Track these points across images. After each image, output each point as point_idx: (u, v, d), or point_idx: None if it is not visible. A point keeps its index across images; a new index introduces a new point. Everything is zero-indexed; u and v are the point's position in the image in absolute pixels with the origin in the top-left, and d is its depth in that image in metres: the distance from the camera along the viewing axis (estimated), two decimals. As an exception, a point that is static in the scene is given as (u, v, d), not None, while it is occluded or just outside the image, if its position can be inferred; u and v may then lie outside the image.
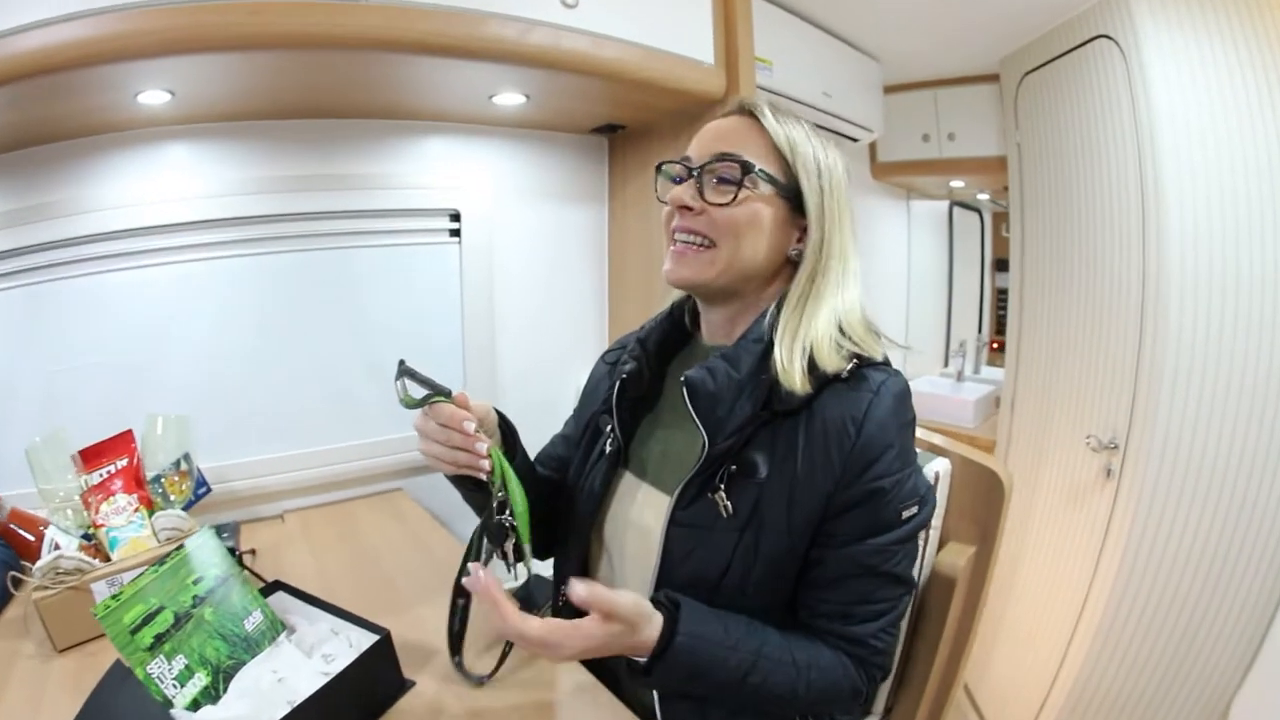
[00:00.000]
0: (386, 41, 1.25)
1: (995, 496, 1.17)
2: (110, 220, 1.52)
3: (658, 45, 1.55)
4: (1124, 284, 1.92)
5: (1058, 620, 2.12)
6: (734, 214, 0.92)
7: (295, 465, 1.72)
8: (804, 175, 0.93)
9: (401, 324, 1.84)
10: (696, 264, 0.95)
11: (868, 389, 0.88)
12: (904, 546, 0.90)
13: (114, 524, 1.28)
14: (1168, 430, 1.78)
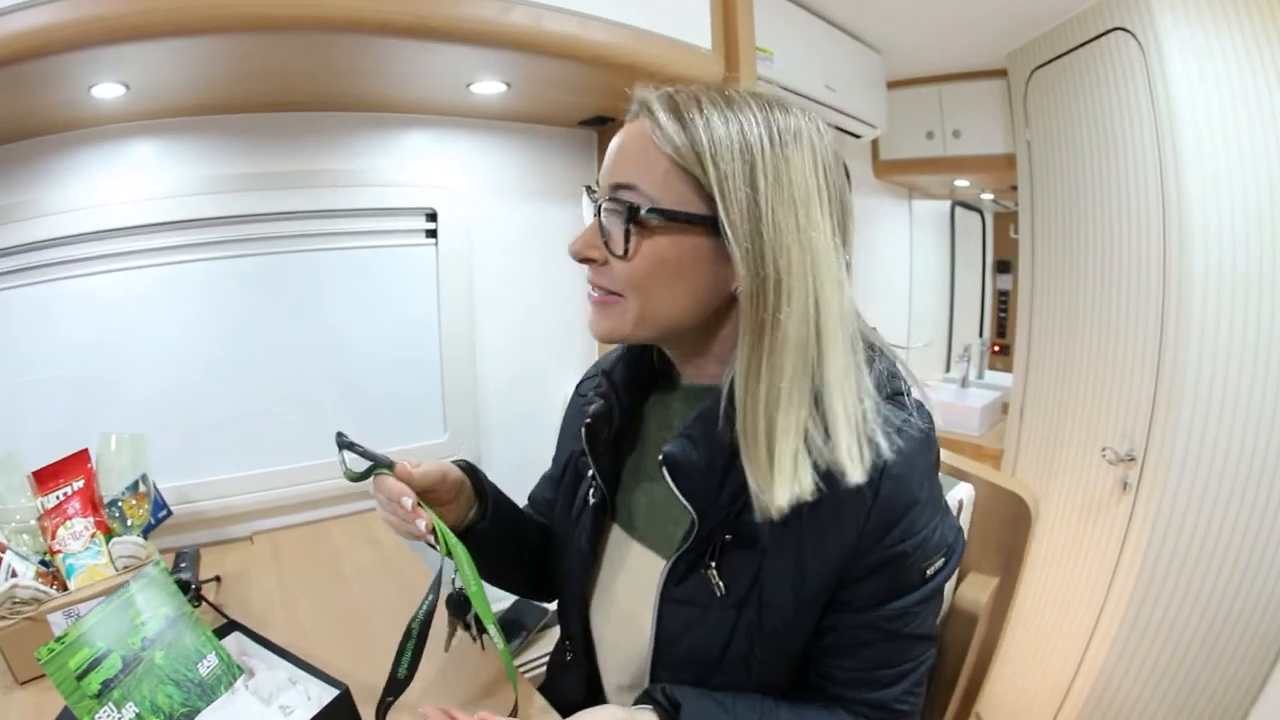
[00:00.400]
0: (352, 22, 1.16)
1: (1021, 524, 1.08)
2: (64, 225, 1.43)
3: (650, 28, 1.45)
4: (1143, 286, 1.88)
5: (1069, 638, 2.08)
6: (631, 268, 0.75)
7: (265, 484, 1.63)
8: (720, 191, 0.71)
9: (375, 332, 1.74)
10: (611, 318, 0.79)
11: None
12: (927, 605, 0.80)
13: (71, 549, 1.21)
14: (1188, 442, 1.74)
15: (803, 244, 0.70)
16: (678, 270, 0.75)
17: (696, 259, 0.74)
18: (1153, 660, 1.90)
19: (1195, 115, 1.71)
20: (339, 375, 1.70)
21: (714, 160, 0.70)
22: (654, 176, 0.73)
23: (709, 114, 0.72)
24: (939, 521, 0.79)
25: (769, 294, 0.70)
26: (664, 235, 0.74)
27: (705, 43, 1.57)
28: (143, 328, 1.52)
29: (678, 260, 0.74)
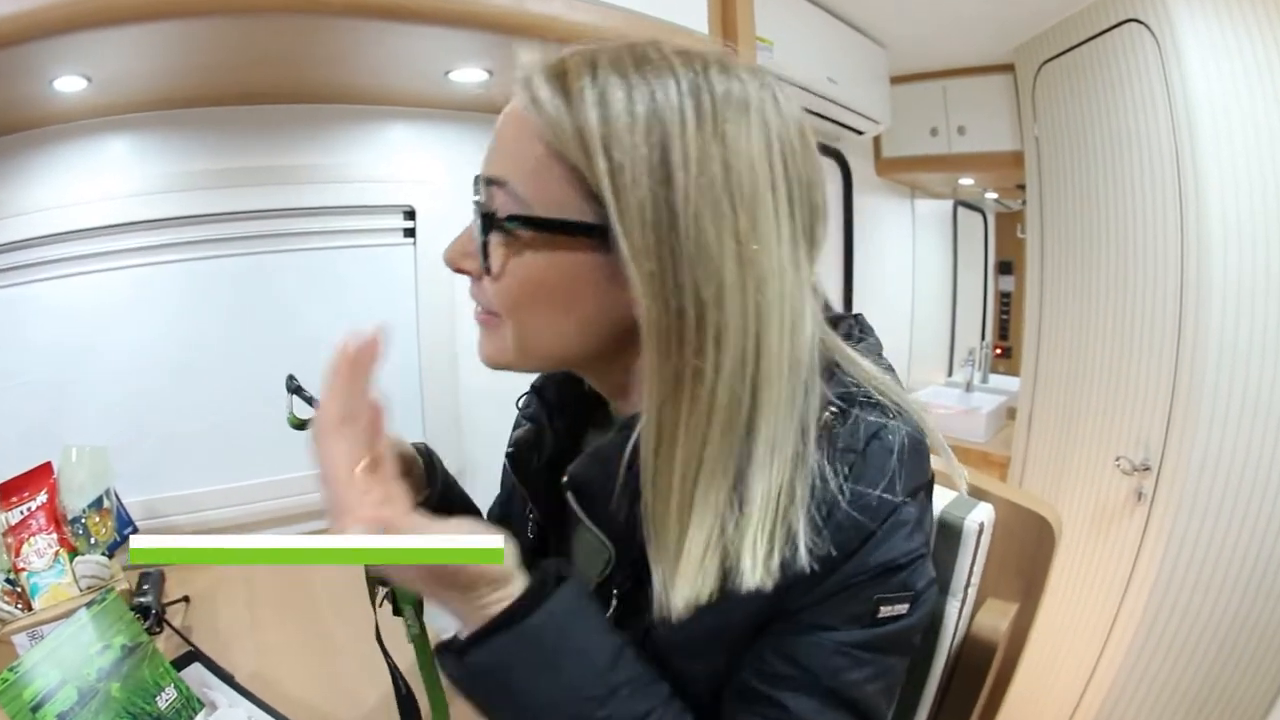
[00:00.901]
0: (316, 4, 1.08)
1: (1045, 547, 1.01)
2: (27, 226, 1.39)
3: (643, 9, 1.37)
4: (1159, 288, 1.83)
5: (1080, 651, 2.03)
6: (500, 288, 0.59)
7: (241, 499, 1.58)
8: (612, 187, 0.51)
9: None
10: (491, 342, 0.63)
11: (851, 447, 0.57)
12: (874, 660, 0.58)
13: (35, 567, 1.19)
14: (1206, 450, 1.69)
15: (742, 263, 0.52)
16: (556, 295, 0.58)
17: (583, 281, 0.56)
18: (1164, 677, 1.86)
19: (1214, 109, 1.67)
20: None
21: (604, 145, 0.51)
22: (526, 169, 0.56)
23: (605, 81, 0.53)
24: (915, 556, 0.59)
25: (686, 334, 0.52)
26: (536, 249, 0.56)
27: (702, 27, 1.50)
28: (110, 333, 1.48)
29: (556, 283, 0.57)
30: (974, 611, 1.04)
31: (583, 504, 0.63)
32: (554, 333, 0.59)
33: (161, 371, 1.51)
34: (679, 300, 0.51)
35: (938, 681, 1.03)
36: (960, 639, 1.03)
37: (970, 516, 0.97)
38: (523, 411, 0.79)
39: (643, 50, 0.55)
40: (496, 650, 0.52)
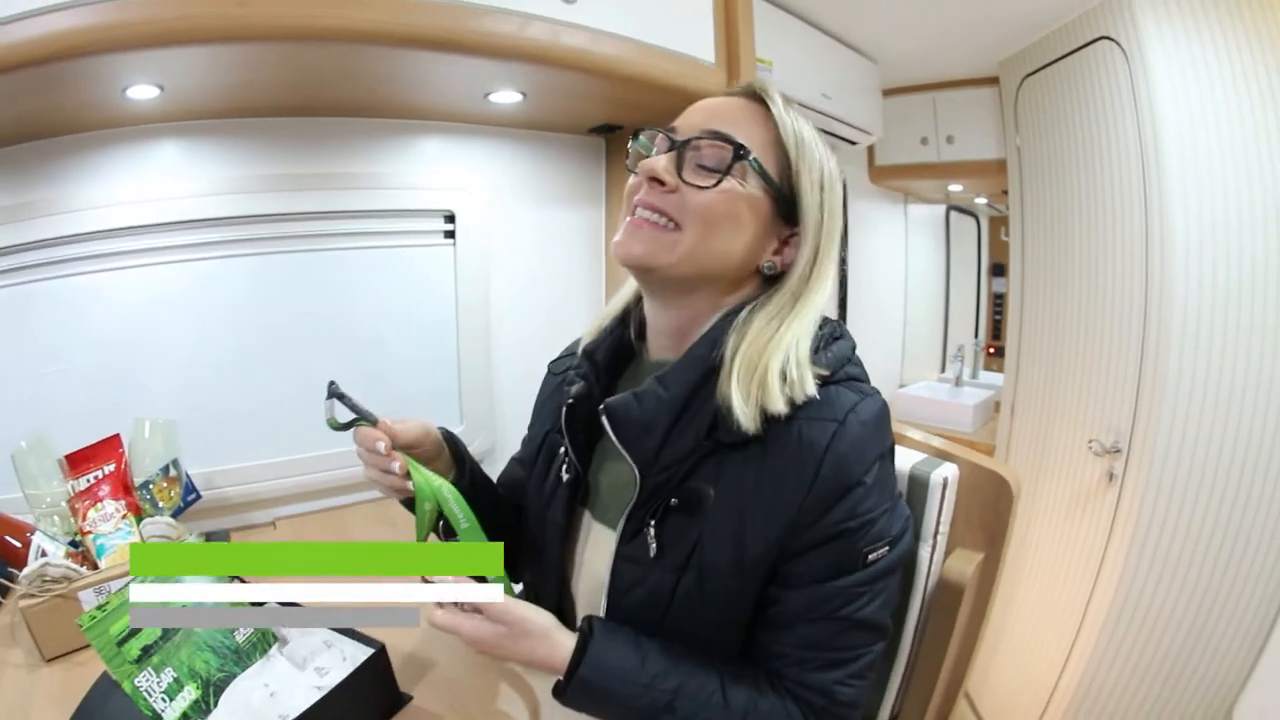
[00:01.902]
0: (381, 35, 1.22)
1: (1004, 502, 1.14)
2: (96, 220, 1.49)
3: (657, 42, 1.52)
4: (1127, 287, 1.91)
5: (1059, 627, 2.10)
6: (711, 200, 0.80)
7: (287, 472, 1.69)
8: (806, 178, 0.83)
9: (394, 327, 1.81)
10: (654, 243, 0.82)
11: (832, 416, 0.78)
12: (871, 589, 0.81)
13: (101, 531, 1.26)
14: (1171, 433, 1.77)
15: (834, 236, 0.86)
16: (742, 221, 0.82)
17: (757, 220, 0.83)
18: (1139, 649, 1.92)
19: (1179, 122, 1.75)
20: (360, 368, 1.76)
21: (806, 154, 0.83)
22: (758, 141, 0.82)
23: (804, 125, 0.85)
24: (886, 510, 0.81)
25: (810, 270, 0.85)
26: (747, 187, 0.82)
27: (709, 56, 1.64)
28: (170, 321, 1.58)
29: (746, 214, 0.82)
30: (945, 558, 1.17)
31: (616, 432, 0.82)
32: (724, 249, 0.83)
33: (217, 357, 1.62)
34: (817, 245, 0.85)
35: (916, 618, 1.16)
36: (934, 582, 1.16)
37: (936, 472, 1.12)
38: (577, 371, 0.96)
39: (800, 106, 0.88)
40: (572, 696, 0.79)
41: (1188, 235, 1.74)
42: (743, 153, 0.81)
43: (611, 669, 0.78)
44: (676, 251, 0.81)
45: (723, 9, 1.67)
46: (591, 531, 0.96)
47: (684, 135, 0.83)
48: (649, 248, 0.82)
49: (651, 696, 0.78)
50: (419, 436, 0.94)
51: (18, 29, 1.06)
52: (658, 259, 0.82)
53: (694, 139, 0.82)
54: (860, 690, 0.83)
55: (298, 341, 1.70)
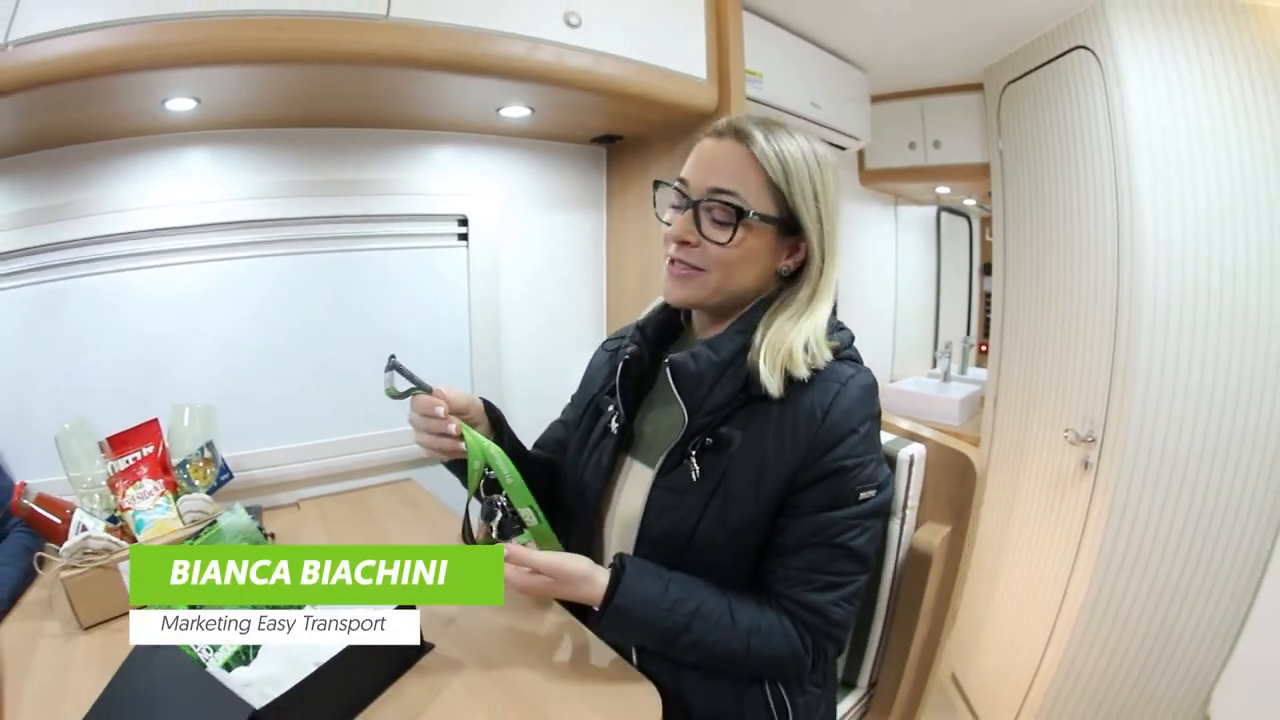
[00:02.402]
0: (406, 58, 1.34)
1: (969, 479, 1.25)
2: (132, 221, 1.58)
3: (655, 62, 1.64)
4: (1100, 285, 1.98)
5: (1040, 612, 2.16)
6: (725, 252, 0.98)
7: (310, 455, 1.79)
8: (801, 203, 0.98)
9: (412, 322, 1.92)
10: (690, 287, 1.02)
11: (836, 381, 0.97)
12: (861, 523, 0.98)
13: (140, 507, 1.33)
14: (1142, 423, 1.84)
15: (835, 231, 1.02)
16: (755, 258, 1.01)
17: (770, 248, 1.01)
18: (1117, 632, 1.97)
19: (1148, 127, 1.81)
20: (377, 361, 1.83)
21: (795, 178, 0.98)
22: (750, 187, 0.98)
23: (785, 142, 0.98)
24: (873, 460, 0.99)
25: (820, 271, 1.01)
26: (754, 231, 0.99)
27: (701, 74, 1.76)
28: (202, 316, 1.68)
29: (760, 250, 1.00)
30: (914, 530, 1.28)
31: (676, 381, 1.01)
32: (744, 278, 1.02)
33: (246, 349, 1.72)
34: (823, 252, 1.01)
35: (889, 587, 1.28)
36: (905, 552, 1.27)
37: (904, 451, 1.24)
38: (630, 338, 1.15)
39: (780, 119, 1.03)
40: (607, 622, 0.97)
41: (1156, 235, 1.80)
42: (745, 212, 0.97)
43: (640, 596, 0.96)
44: (708, 289, 1.02)
45: (715, 30, 1.78)
46: (631, 470, 1.13)
47: (696, 194, 1.00)
48: (688, 291, 1.03)
49: (673, 619, 0.95)
50: (466, 403, 1.10)
51: (65, 43, 1.14)
52: (695, 298, 1.04)
53: (704, 200, 0.99)
54: (848, 614, 1.01)
55: (322, 335, 1.81)
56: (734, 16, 1.80)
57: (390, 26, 1.30)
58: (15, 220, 1.51)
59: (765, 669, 1.02)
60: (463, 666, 1.03)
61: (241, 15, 1.20)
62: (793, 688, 1.06)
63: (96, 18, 1.14)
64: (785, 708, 1.05)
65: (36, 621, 1.19)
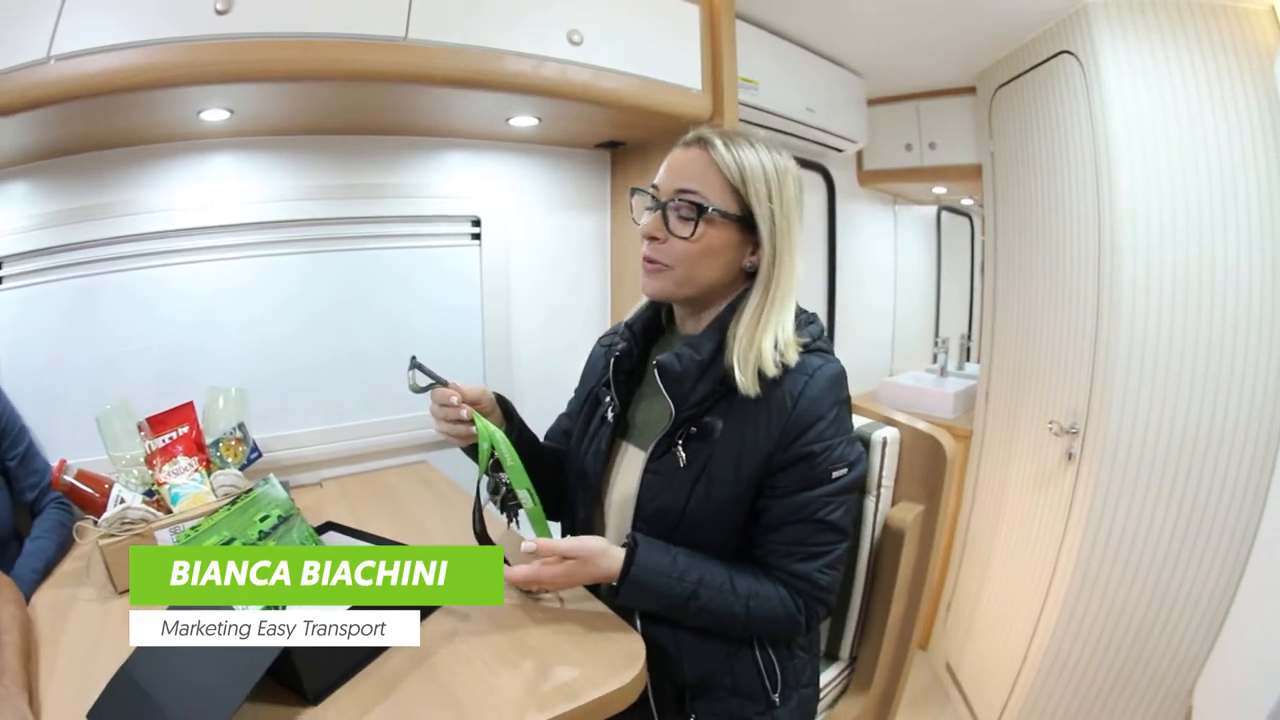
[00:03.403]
0: (420, 75, 1.45)
1: (939, 460, 1.35)
2: (167, 220, 1.68)
3: (652, 75, 1.74)
4: (1082, 282, 2.03)
5: (1027, 600, 2.20)
6: (689, 246, 1.08)
7: (332, 438, 1.89)
8: (755, 202, 1.07)
9: (427, 317, 2.02)
10: (661, 281, 1.13)
11: (805, 373, 1.07)
12: (836, 499, 1.09)
13: (176, 482, 1.42)
14: (1122, 415, 1.88)
15: (792, 238, 1.10)
16: (716, 251, 1.09)
17: (731, 244, 1.10)
18: (1101, 622, 2.00)
19: (1127, 129, 1.85)
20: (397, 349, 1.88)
21: (751, 181, 1.07)
22: (711, 187, 1.08)
23: (744, 149, 1.08)
24: (843, 442, 1.09)
25: (776, 266, 1.09)
26: (715, 227, 1.08)
27: (696, 85, 1.86)
28: (232, 309, 1.77)
29: (721, 244, 1.09)
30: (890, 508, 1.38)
31: (663, 379, 1.11)
32: (708, 272, 1.11)
33: (273, 340, 1.82)
34: (775, 251, 1.09)
35: (866, 562, 1.37)
36: (880, 529, 1.37)
37: (877, 433, 1.34)
38: (621, 335, 1.25)
39: (747, 131, 1.14)
40: (625, 592, 1.07)
41: (1135, 235, 1.84)
42: (704, 208, 1.07)
43: (652, 567, 1.07)
44: (674, 281, 1.12)
45: (709, 43, 1.87)
46: (626, 455, 1.23)
47: (664, 196, 1.11)
48: (659, 284, 1.13)
49: (681, 587, 1.06)
50: (478, 395, 1.21)
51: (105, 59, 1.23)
52: (665, 290, 1.14)
53: (670, 201, 1.10)
54: (833, 578, 1.12)
55: (344, 327, 1.91)
56: (727, 30, 1.89)
57: (408, 48, 1.42)
58: (57, 218, 1.59)
59: (764, 629, 1.13)
60: (470, 615, 1.13)
61: (271, 37, 1.31)
62: (781, 650, 1.18)
63: (137, 36, 1.23)
64: (774, 669, 1.17)
65: (72, 589, 1.26)
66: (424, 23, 1.42)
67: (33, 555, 1.32)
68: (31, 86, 1.21)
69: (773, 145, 1.13)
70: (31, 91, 1.21)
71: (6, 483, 1.45)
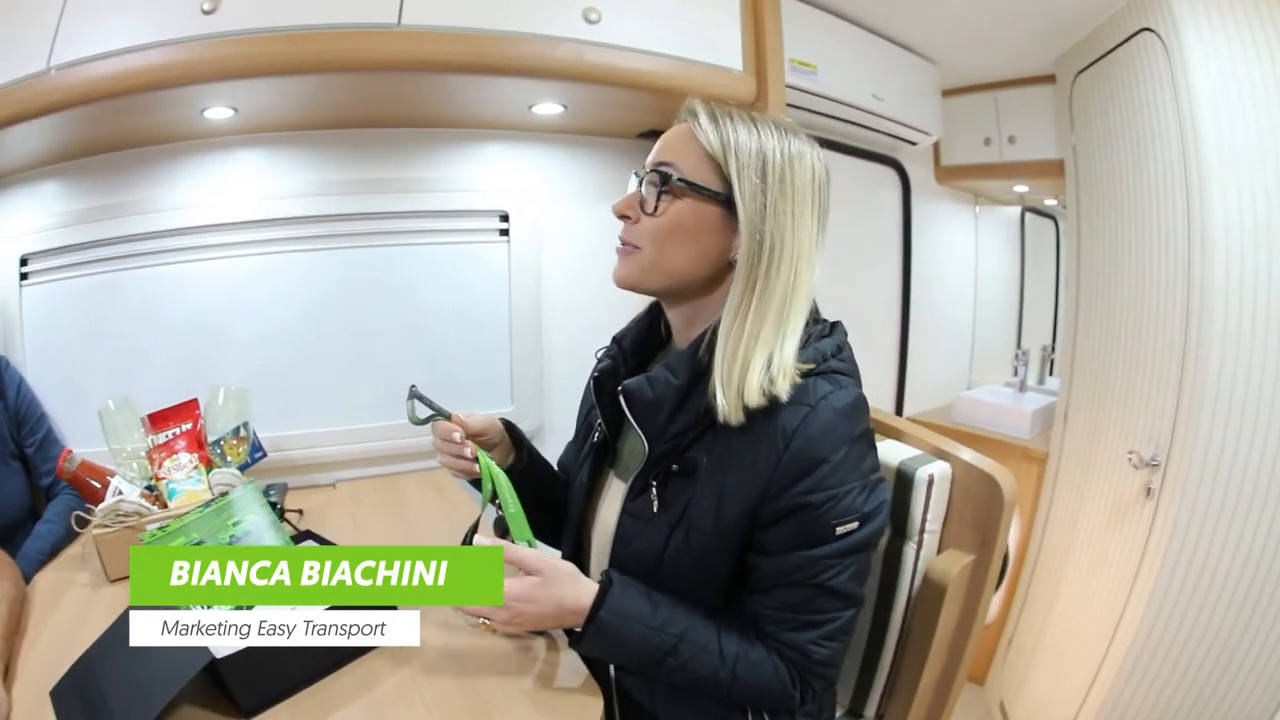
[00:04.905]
0: (417, 63, 1.40)
1: (995, 504, 1.15)
2: (182, 218, 1.69)
3: (684, 55, 1.61)
4: (1169, 289, 1.87)
5: (1091, 641, 2.07)
6: (656, 223, 0.94)
7: (347, 439, 1.84)
8: (738, 178, 0.91)
9: (453, 316, 1.94)
10: (628, 264, 0.98)
11: (806, 402, 0.88)
12: (841, 561, 0.90)
13: (174, 478, 1.43)
14: (1209, 447, 1.72)
15: (794, 231, 0.91)
16: (692, 230, 0.94)
17: (708, 225, 0.93)
18: (1168, 670, 1.88)
19: (1217, 117, 1.71)
20: (420, 351, 1.91)
21: (735, 154, 0.91)
22: (688, 160, 0.93)
23: (737, 124, 0.93)
24: (856, 488, 0.89)
25: (763, 256, 0.90)
26: (687, 201, 0.93)
27: (737, 65, 1.71)
28: (248, 306, 1.77)
29: (694, 222, 0.93)
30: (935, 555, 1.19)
31: (631, 409, 0.96)
32: (680, 257, 0.95)
33: (292, 337, 1.80)
34: (762, 238, 0.90)
35: (901, 616, 1.19)
36: (919, 581, 1.18)
37: (922, 469, 1.15)
38: (606, 352, 1.11)
39: (755, 115, 0.96)
40: (589, 640, 0.91)
41: (1228, 231, 1.69)
42: (668, 178, 0.93)
43: (626, 614, 0.91)
44: (641, 265, 0.97)
45: (751, 17, 1.73)
46: (611, 488, 1.10)
47: (642, 172, 0.97)
48: (624, 270, 0.98)
49: (660, 639, 0.90)
50: (484, 426, 1.12)
51: (103, 66, 1.28)
52: (632, 276, 0.98)
53: (643, 176, 0.96)
54: (834, 651, 0.94)
55: (366, 326, 1.87)
56: (771, 4, 1.74)
57: (402, 34, 1.36)
58: (73, 218, 1.66)
59: (752, 699, 0.97)
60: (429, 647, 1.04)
61: (260, 33, 1.30)
62: (780, 715, 1.00)
63: (129, 42, 1.28)
64: None
65: (71, 572, 1.32)
66: (418, 7, 1.37)
67: (41, 537, 1.40)
68: (35, 96, 1.30)
69: (789, 129, 0.96)
70: (35, 101, 1.30)
71: (25, 468, 1.53)
